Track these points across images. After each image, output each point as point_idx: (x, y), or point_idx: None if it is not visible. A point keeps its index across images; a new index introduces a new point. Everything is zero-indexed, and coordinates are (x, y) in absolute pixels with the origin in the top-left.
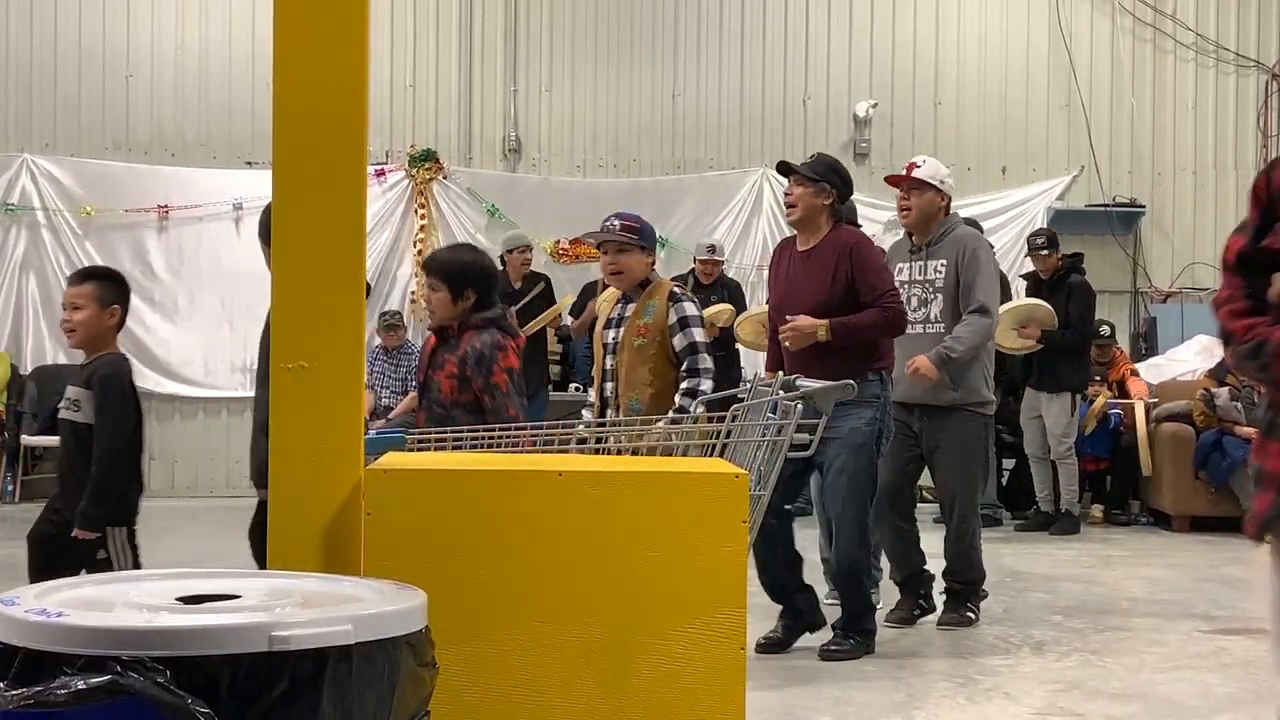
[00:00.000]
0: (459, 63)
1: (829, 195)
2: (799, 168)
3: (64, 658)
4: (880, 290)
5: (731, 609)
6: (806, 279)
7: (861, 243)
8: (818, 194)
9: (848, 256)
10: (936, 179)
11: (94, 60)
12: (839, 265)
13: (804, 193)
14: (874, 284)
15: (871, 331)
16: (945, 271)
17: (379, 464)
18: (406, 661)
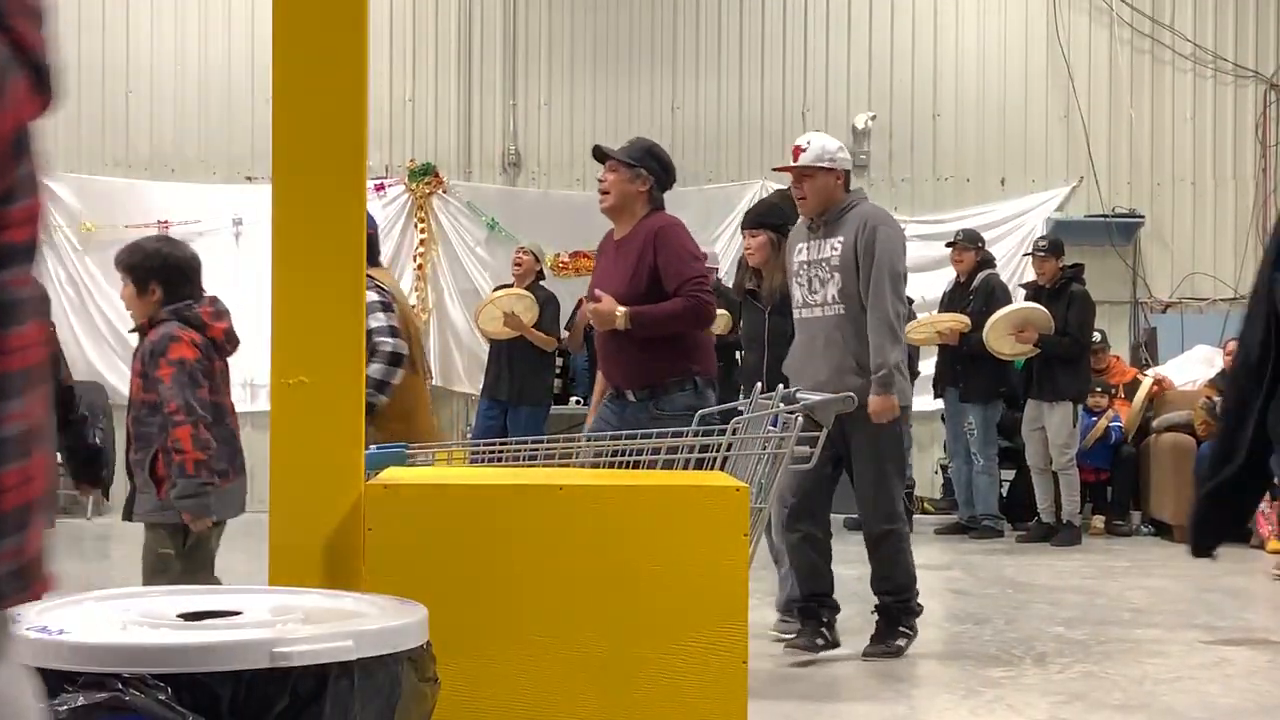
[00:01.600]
0: (458, 77)
1: (645, 181)
2: (614, 153)
3: (65, 675)
4: (685, 277)
5: (733, 622)
6: (617, 269)
7: (669, 227)
8: (633, 180)
9: (653, 242)
10: (824, 159)
11: (94, 76)
12: (645, 252)
13: (617, 179)
14: (679, 270)
15: (674, 322)
16: (842, 249)
17: (380, 479)
18: (408, 677)
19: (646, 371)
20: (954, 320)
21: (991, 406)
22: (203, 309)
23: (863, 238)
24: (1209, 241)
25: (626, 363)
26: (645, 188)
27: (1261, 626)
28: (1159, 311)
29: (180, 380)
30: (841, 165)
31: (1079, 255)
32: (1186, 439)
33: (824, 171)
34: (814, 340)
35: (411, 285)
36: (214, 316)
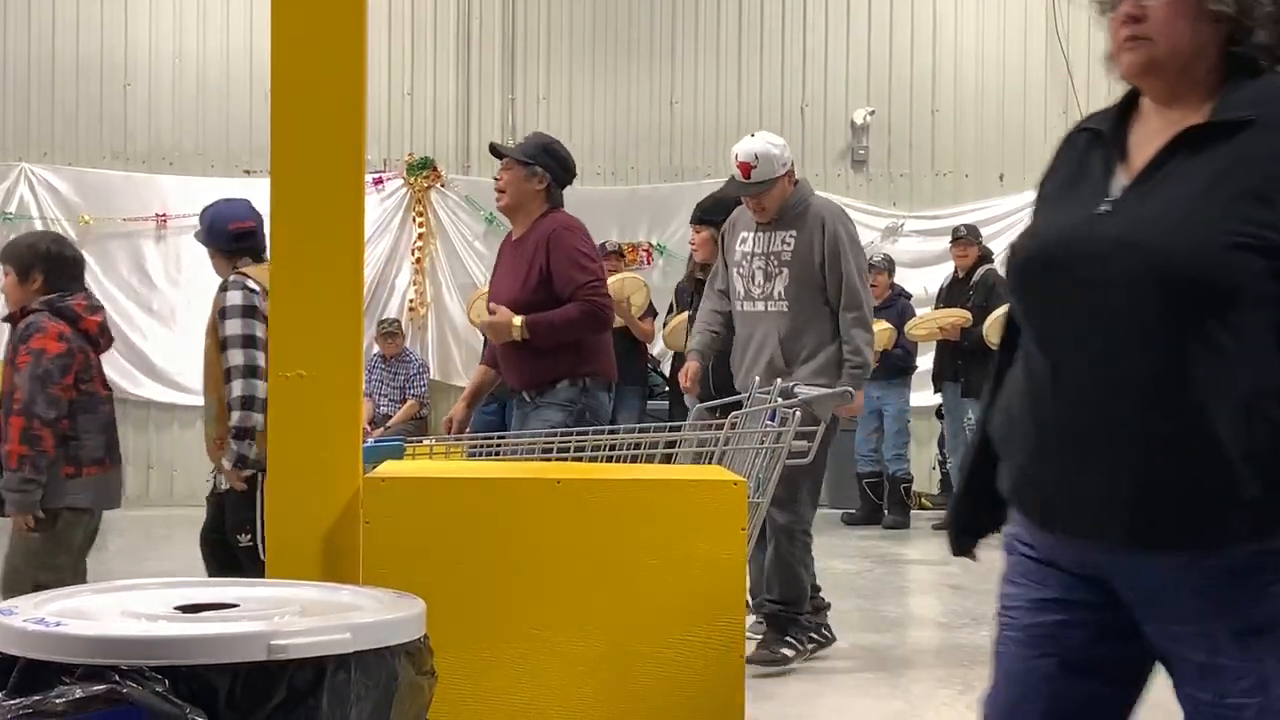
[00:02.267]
0: (457, 71)
1: (541, 179)
2: (508, 150)
3: (63, 667)
4: (579, 282)
5: (730, 617)
6: (512, 271)
7: (562, 230)
8: (528, 178)
9: (545, 245)
10: (774, 173)
11: (92, 69)
12: (537, 255)
13: (512, 177)
14: (571, 275)
15: (571, 329)
16: (795, 244)
17: (377, 473)
18: (405, 670)
19: (541, 371)
20: (956, 315)
21: None
22: (76, 301)
23: (823, 240)
24: None
25: (520, 366)
26: (541, 186)
27: None
28: None
29: (34, 372)
30: (785, 161)
31: None
32: None
33: (775, 180)
34: (753, 336)
35: (410, 280)
36: (88, 310)
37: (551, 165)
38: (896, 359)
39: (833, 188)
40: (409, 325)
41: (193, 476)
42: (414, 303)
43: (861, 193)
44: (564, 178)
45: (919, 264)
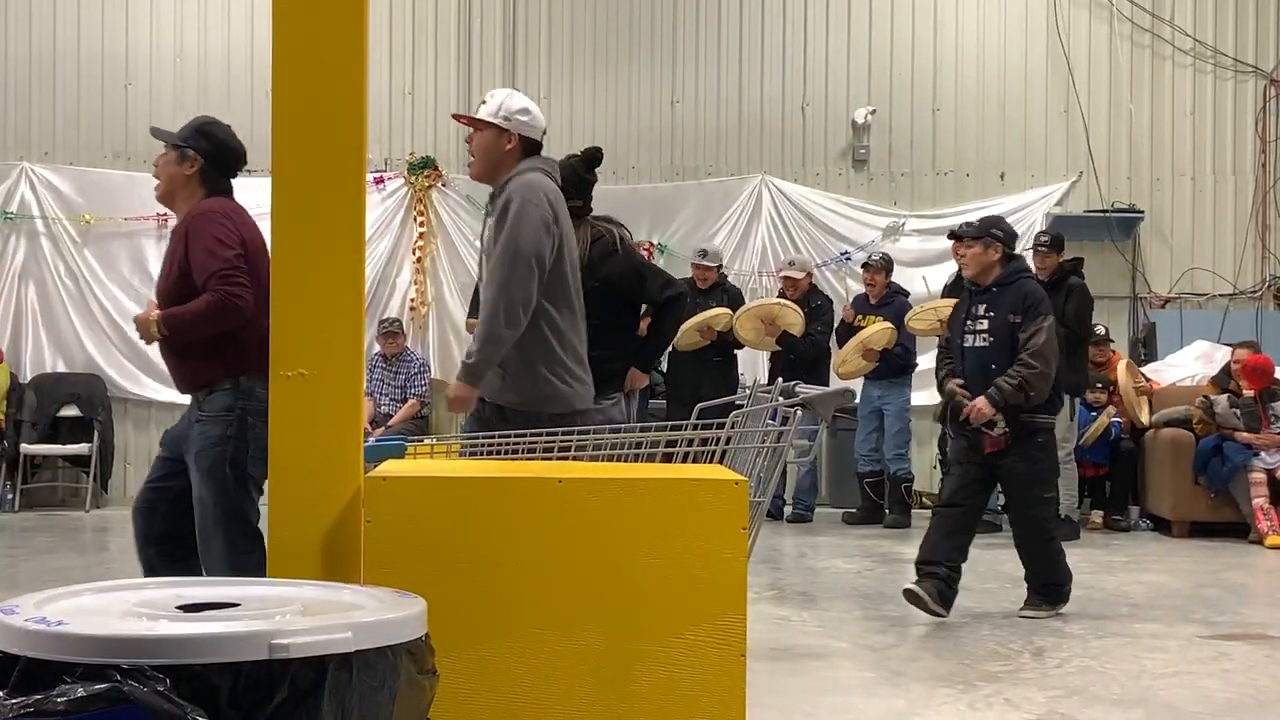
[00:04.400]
0: (458, 70)
1: (193, 163)
2: (162, 133)
3: (64, 666)
4: (210, 271)
5: (731, 615)
6: (164, 264)
7: (202, 215)
8: (179, 162)
9: (184, 234)
10: (499, 115)
11: (93, 69)
12: (178, 245)
13: (165, 162)
14: (203, 264)
15: (202, 322)
16: (493, 228)
17: (378, 472)
18: (406, 669)
19: (191, 373)
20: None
21: None
22: None
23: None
24: (1208, 237)
25: (173, 367)
26: (193, 170)
27: (1259, 621)
28: (1158, 307)
29: None
30: (518, 129)
31: (1079, 250)
32: (1185, 435)
33: (492, 129)
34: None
35: (411, 279)
36: None
37: (205, 148)
38: (896, 358)
39: (834, 187)
40: (410, 324)
41: None
42: (415, 302)
43: (862, 192)
44: (222, 161)
45: (920, 263)
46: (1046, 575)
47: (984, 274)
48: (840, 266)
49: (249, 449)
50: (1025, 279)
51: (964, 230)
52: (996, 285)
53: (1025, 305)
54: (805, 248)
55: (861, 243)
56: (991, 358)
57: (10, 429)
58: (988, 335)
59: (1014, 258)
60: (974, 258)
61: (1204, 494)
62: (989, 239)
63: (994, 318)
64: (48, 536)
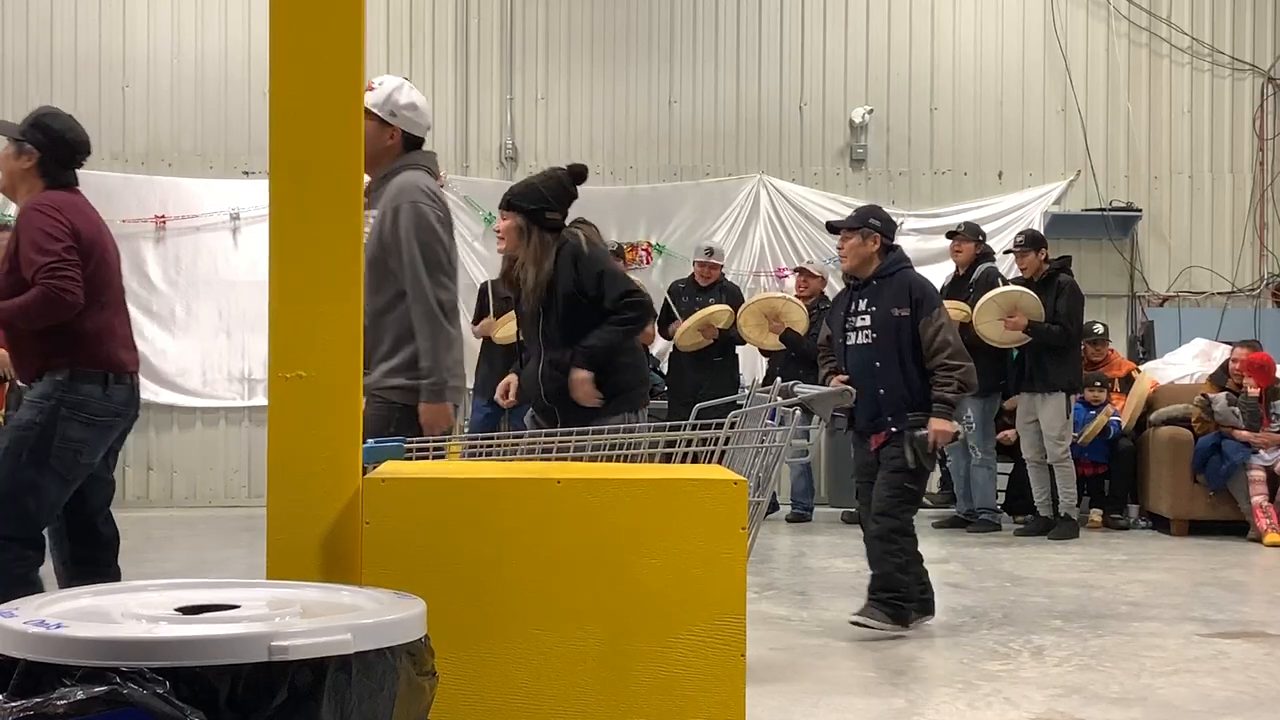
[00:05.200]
0: (455, 71)
1: (30, 156)
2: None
3: (63, 669)
4: (37, 265)
5: (730, 616)
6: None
7: (34, 208)
8: (17, 156)
9: (15, 228)
10: (385, 108)
11: (90, 70)
12: (13, 238)
13: (4, 157)
14: (30, 258)
15: (27, 315)
16: (371, 228)
17: (377, 473)
18: (406, 670)
19: (24, 363)
20: (954, 307)
21: (990, 400)
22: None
23: (389, 223)
24: (1206, 235)
25: (12, 357)
26: (30, 163)
27: (1258, 620)
28: (1156, 305)
29: None
30: (403, 124)
31: (1076, 249)
32: (1184, 433)
33: (375, 120)
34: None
35: None
36: None
37: (40, 140)
38: None
39: (831, 186)
40: None
41: (193, 478)
42: None
43: (860, 191)
44: (62, 153)
45: (918, 263)
46: (886, 580)
47: (863, 266)
48: (839, 266)
49: (53, 440)
50: (907, 269)
51: (840, 221)
52: (876, 278)
53: (912, 298)
54: (803, 247)
55: None
56: (875, 355)
57: None
58: (870, 331)
59: (894, 248)
60: (851, 249)
61: (1203, 492)
62: (866, 229)
63: (875, 312)
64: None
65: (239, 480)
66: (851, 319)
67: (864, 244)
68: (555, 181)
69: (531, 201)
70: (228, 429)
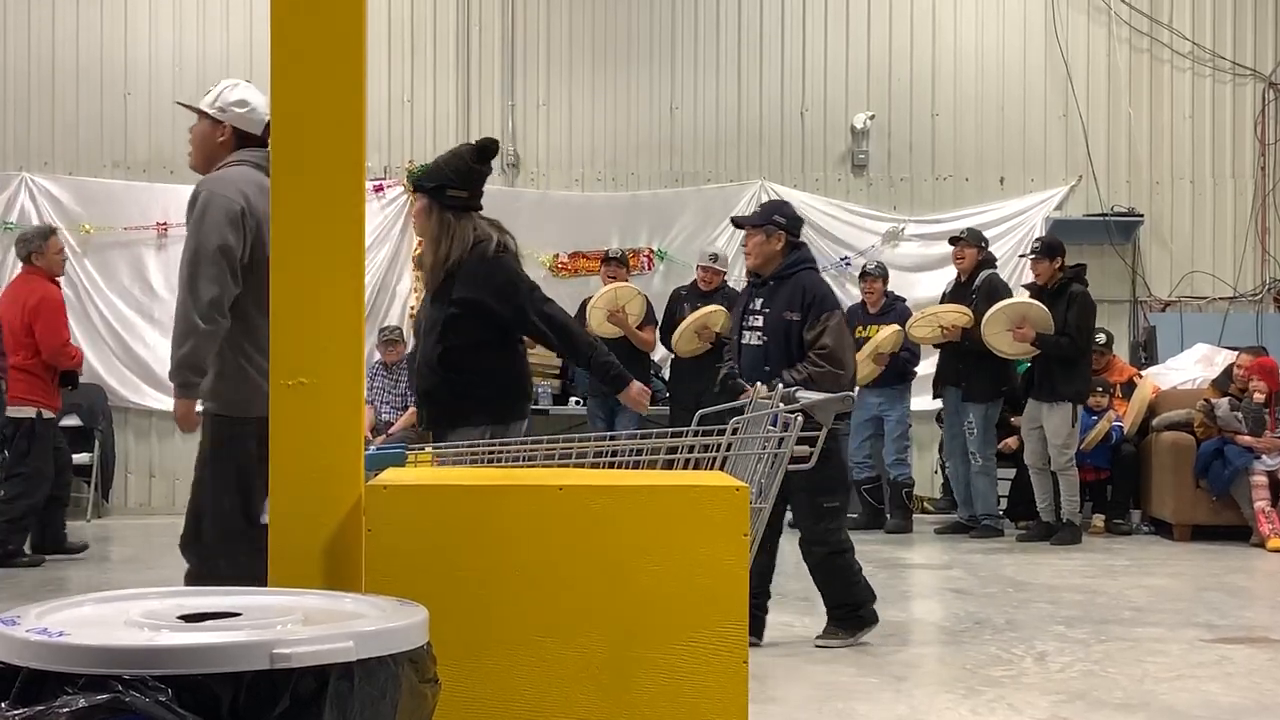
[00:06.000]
0: (457, 77)
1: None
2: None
3: (65, 677)
4: None
5: (733, 622)
6: None
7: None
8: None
9: None
10: (214, 105)
11: (92, 78)
12: None
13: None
14: None
15: None
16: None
17: (379, 480)
18: (408, 678)
19: None
20: (957, 312)
21: (992, 406)
22: None
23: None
24: (1208, 240)
25: None
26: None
27: (1262, 625)
28: (1158, 310)
29: None
30: (233, 120)
31: (1078, 254)
32: (1186, 438)
33: (207, 119)
34: None
35: (411, 286)
36: None
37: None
38: (903, 362)
39: (833, 192)
40: (410, 332)
41: None
42: (415, 310)
43: (862, 197)
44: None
45: (920, 268)
46: (839, 596)
47: (766, 264)
48: (840, 272)
49: None
50: (805, 271)
51: (743, 218)
52: (774, 278)
53: (804, 302)
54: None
55: (861, 248)
56: (764, 358)
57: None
58: (761, 333)
59: (799, 246)
60: (756, 247)
61: (1205, 497)
62: (771, 226)
63: (769, 314)
64: None
65: None
66: (748, 318)
67: (768, 242)
68: (458, 158)
69: (432, 179)
70: None
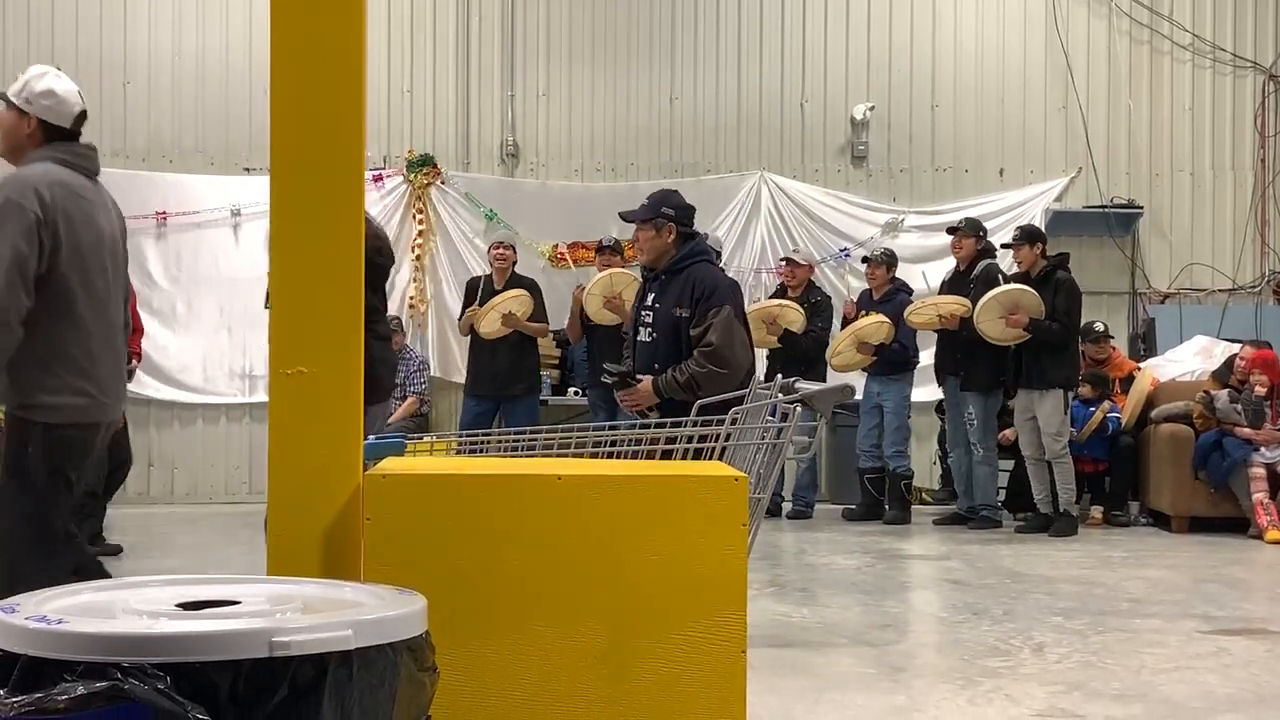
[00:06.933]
0: (456, 68)
1: None
2: None
3: (64, 664)
4: None
5: (731, 612)
6: None
7: None
8: None
9: None
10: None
11: (91, 67)
12: None
13: None
14: None
15: None
16: None
17: (378, 469)
18: (407, 666)
19: None
20: (955, 302)
21: (992, 396)
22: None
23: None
24: (1207, 232)
25: None
26: None
27: (1259, 616)
28: (1157, 302)
29: None
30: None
31: (1077, 246)
32: (1185, 430)
33: (14, 110)
34: None
35: (410, 277)
36: None
37: None
38: (894, 354)
39: (833, 183)
40: (409, 322)
41: (194, 474)
42: (414, 300)
43: (861, 188)
44: None
45: (920, 259)
46: None
47: (658, 259)
48: (839, 263)
49: None
50: (698, 264)
51: (631, 213)
52: (667, 272)
53: (694, 297)
54: (804, 244)
55: (861, 239)
56: (654, 355)
57: None
58: (652, 329)
59: (691, 238)
60: (646, 242)
61: (1204, 489)
62: (660, 220)
63: (659, 309)
64: None
65: (240, 477)
66: (642, 313)
67: (658, 236)
68: None
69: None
70: (229, 425)
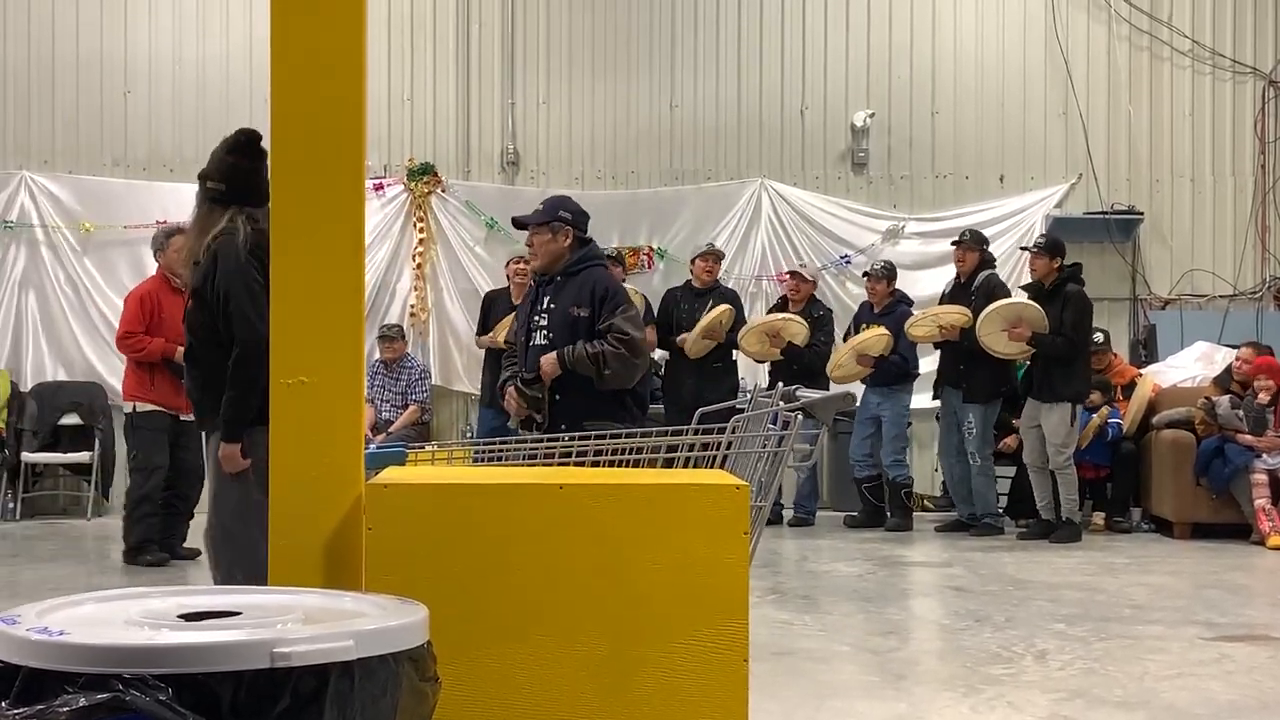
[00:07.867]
0: (457, 76)
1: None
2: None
3: (66, 676)
4: None
5: (733, 620)
6: None
7: None
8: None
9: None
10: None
11: (92, 76)
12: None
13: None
14: None
15: None
16: None
17: (379, 479)
18: (409, 677)
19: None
20: (956, 313)
21: (991, 407)
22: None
23: None
24: (1208, 238)
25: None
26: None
27: (1262, 622)
28: (1158, 308)
29: None
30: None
31: (1078, 252)
32: (1186, 436)
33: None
34: None
35: (411, 285)
36: None
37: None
38: (894, 365)
39: (833, 190)
40: (410, 330)
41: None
42: (415, 308)
43: (862, 195)
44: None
45: (920, 266)
46: None
47: (553, 263)
48: (840, 270)
49: None
50: (594, 268)
51: (526, 217)
52: (562, 274)
53: (595, 295)
54: (805, 251)
55: (861, 246)
56: None
57: (11, 437)
58: (548, 332)
59: (586, 243)
60: (541, 246)
61: (1205, 495)
62: (556, 224)
63: (554, 311)
64: (49, 545)
65: None
66: (535, 318)
67: (555, 240)
68: (220, 147)
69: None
70: None
